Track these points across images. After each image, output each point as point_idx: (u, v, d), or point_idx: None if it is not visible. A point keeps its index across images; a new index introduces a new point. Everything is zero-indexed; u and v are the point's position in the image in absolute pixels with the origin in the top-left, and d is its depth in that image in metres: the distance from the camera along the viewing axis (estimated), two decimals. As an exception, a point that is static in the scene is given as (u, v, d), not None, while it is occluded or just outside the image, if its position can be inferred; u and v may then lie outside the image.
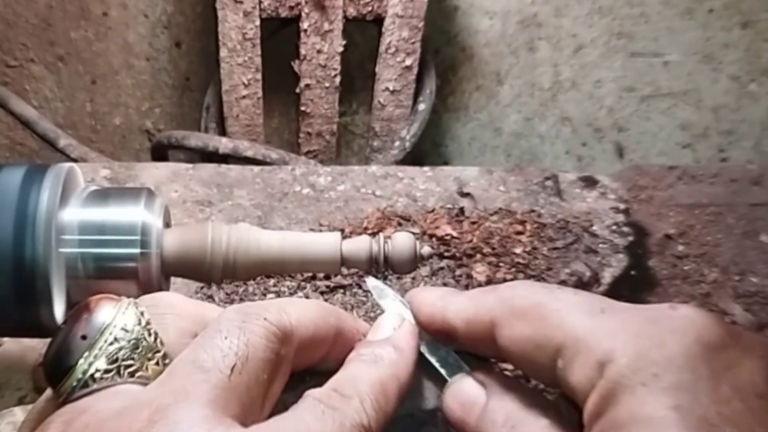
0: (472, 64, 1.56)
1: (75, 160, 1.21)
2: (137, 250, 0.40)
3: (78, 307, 0.30)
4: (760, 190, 0.75)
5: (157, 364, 0.28)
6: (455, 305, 0.32)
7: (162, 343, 0.29)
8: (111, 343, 0.28)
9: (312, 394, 0.28)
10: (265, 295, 0.62)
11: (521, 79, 1.58)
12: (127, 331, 0.29)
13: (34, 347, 0.52)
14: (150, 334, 0.29)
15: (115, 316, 0.29)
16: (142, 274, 0.40)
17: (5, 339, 0.53)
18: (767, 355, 0.25)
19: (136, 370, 0.28)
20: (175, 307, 0.31)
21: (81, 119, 1.55)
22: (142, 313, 0.30)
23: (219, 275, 0.41)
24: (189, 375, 0.27)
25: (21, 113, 1.30)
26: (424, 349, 0.34)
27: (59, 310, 0.39)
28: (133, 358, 0.28)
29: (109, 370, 0.28)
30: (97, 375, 0.27)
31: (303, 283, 0.62)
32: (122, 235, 0.40)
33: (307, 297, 0.62)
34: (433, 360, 0.34)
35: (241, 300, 0.61)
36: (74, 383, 0.27)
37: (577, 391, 0.27)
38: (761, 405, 0.24)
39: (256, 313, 0.29)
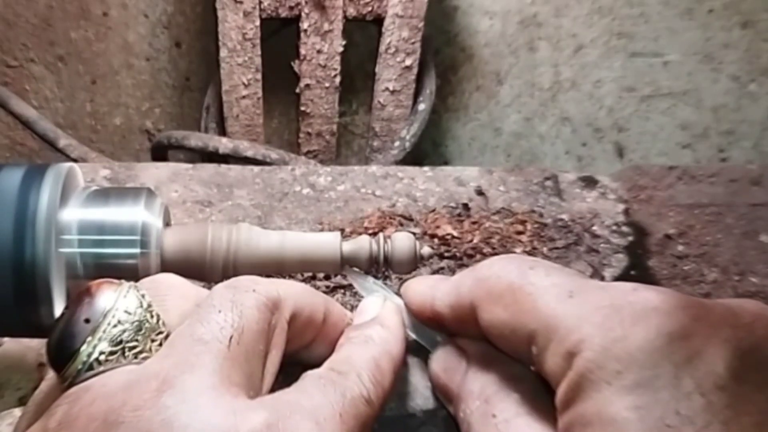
0: (472, 64, 1.56)
1: (75, 160, 1.22)
2: (137, 250, 0.40)
3: (79, 292, 0.30)
4: (760, 190, 0.75)
5: (160, 345, 0.29)
6: (441, 291, 0.33)
7: (164, 324, 0.30)
8: (114, 326, 0.28)
9: (310, 373, 0.29)
10: (265, 295, 0.62)
11: (521, 79, 1.58)
12: (129, 313, 0.29)
13: (34, 347, 0.52)
14: (152, 316, 0.29)
15: (116, 300, 0.29)
16: (142, 274, 0.40)
17: (5, 339, 0.53)
18: (733, 335, 0.25)
19: (140, 352, 0.28)
20: (176, 288, 0.32)
21: (81, 119, 1.55)
22: (143, 296, 0.30)
23: (219, 275, 0.41)
24: (190, 347, 0.27)
25: (21, 113, 1.30)
26: (410, 332, 0.35)
27: (59, 310, 0.39)
28: (136, 340, 0.28)
29: (113, 352, 0.28)
30: (102, 357, 0.28)
31: (303, 283, 0.62)
32: (122, 235, 0.40)
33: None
34: (420, 340, 0.35)
35: (241, 300, 0.61)
36: (79, 366, 0.27)
37: (550, 377, 0.27)
38: (720, 398, 0.24)
39: (245, 286, 0.30)
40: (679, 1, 1.50)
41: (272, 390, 0.29)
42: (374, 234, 0.56)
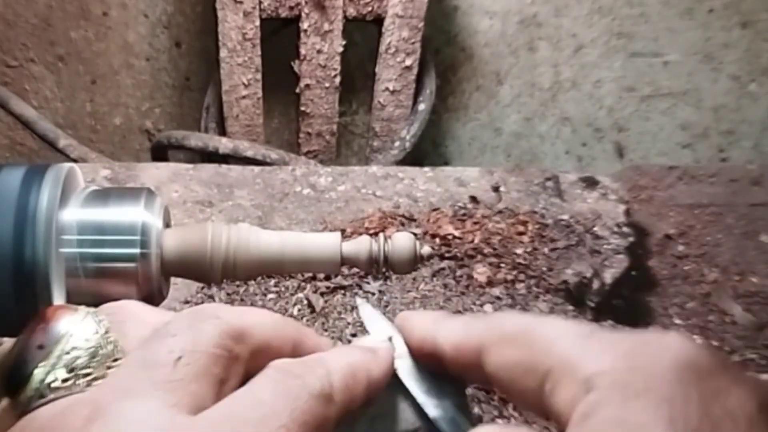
0: (472, 64, 1.56)
1: (75, 160, 1.21)
2: (137, 251, 0.39)
3: (35, 317, 0.29)
4: (760, 190, 0.75)
5: None
6: (446, 329, 0.32)
7: (122, 351, 0.29)
8: (68, 352, 0.27)
9: (275, 363, 0.28)
10: (265, 295, 0.62)
11: (521, 79, 1.58)
12: (84, 339, 0.28)
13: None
14: (109, 342, 0.28)
15: (72, 325, 0.28)
16: (141, 274, 0.40)
17: (5, 339, 0.53)
18: (756, 387, 0.25)
19: (94, 379, 0.27)
20: (137, 314, 0.31)
21: (81, 119, 1.55)
22: (100, 322, 0.29)
23: (219, 275, 0.41)
24: (133, 373, 0.26)
25: (21, 113, 1.30)
26: (413, 387, 0.33)
27: (59, 311, 0.39)
28: (90, 366, 0.27)
29: (66, 379, 0.27)
30: (55, 384, 0.27)
31: (303, 284, 0.62)
32: (122, 235, 0.40)
33: (307, 297, 0.62)
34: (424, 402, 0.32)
35: (242, 300, 0.61)
36: (31, 393, 0.27)
37: (562, 412, 0.26)
38: (752, 428, 0.24)
39: (208, 313, 0.29)
40: (679, 1, 1.50)
41: None
42: (375, 234, 0.56)
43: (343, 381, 0.28)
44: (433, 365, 0.33)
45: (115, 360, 0.28)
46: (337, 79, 1.32)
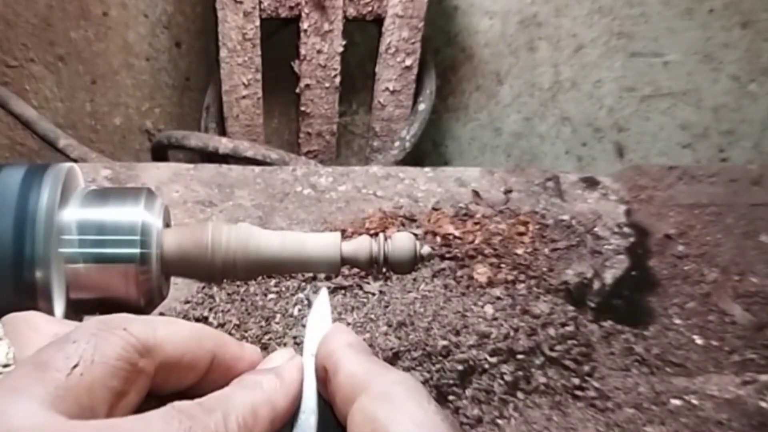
0: (472, 64, 1.56)
1: (75, 160, 1.21)
2: (137, 250, 0.39)
3: None
4: (760, 190, 0.75)
5: None
6: (343, 362, 0.32)
7: (14, 360, 0.29)
8: None
9: (174, 403, 0.27)
10: (265, 295, 0.62)
11: (521, 79, 1.58)
12: None
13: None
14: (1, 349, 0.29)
15: None
16: (142, 274, 0.40)
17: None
18: None
19: None
20: (37, 325, 0.31)
21: (81, 119, 1.55)
22: None
23: (219, 275, 0.41)
24: (26, 375, 0.26)
25: (21, 113, 1.30)
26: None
27: (59, 310, 0.39)
28: None
29: None
30: None
31: (303, 284, 0.62)
32: (122, 235, 0.40)
33: (307, 297, 0.62)
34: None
35: (243, 300, 0.61)
36: None
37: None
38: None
39: (116, 324, 0.29)
40: (679, 1, 1.50)
41: None
42: (375, 234, 0.56)
43: (242, 422, 0.28)
44: (319, 381, 0.33)
45: (6, 366, 0.28)
46: (337, 79, 1.32)
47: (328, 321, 0.38)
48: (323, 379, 0.32)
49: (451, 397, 0.57)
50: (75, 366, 0.26)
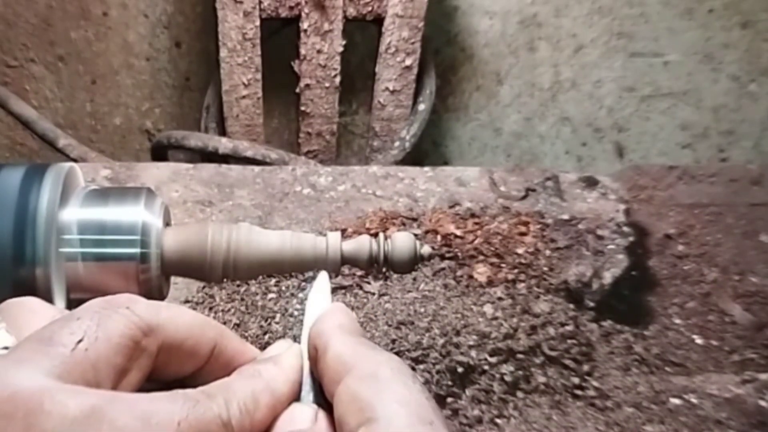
0: (472, 64, 1.56)
1: (75, 160, 1.21)
2: (137, 250, 0.39)
3: None
4: (760, 190, 0.75)
5: None
6: (332, 343, 0.32)
7: (12, 341, 0.29)
8: None
9: (179, 390, 0.28)
10: (265, 294, 0.62)
11: (521, 79, 1.58)
12: None
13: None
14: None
15: None
16: (142, 273, 0.40)
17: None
18: None
19: None
20: (34, 311, 0.32)
21: (81, 119, 1.55)
22: None
23: (219, 275, 0.41)
24: (32, 348, 0.27)
25: (21, 113, 1.30)
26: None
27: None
28: None
29: None
30: None
31: (303, 283, 0.62)
32: (122, 234, 0.40)
33: (307, 298, 0.62)
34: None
35: (242, 299, 0.61)
36: None
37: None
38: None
39: (119, 303, 0.29)
40: (679, 1, 1.50)
41: None
42: (375, 234, 0.56)
43: (242, 407, 0.28)
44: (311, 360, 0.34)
45: (4, 348, 0.29)
46: (337, 79, 1.32)
47: (327, 301, 0.38)
48: (314, 358, 0.33)
49: (450, 399, 0.57)
50: (79, 341, 0.26)
